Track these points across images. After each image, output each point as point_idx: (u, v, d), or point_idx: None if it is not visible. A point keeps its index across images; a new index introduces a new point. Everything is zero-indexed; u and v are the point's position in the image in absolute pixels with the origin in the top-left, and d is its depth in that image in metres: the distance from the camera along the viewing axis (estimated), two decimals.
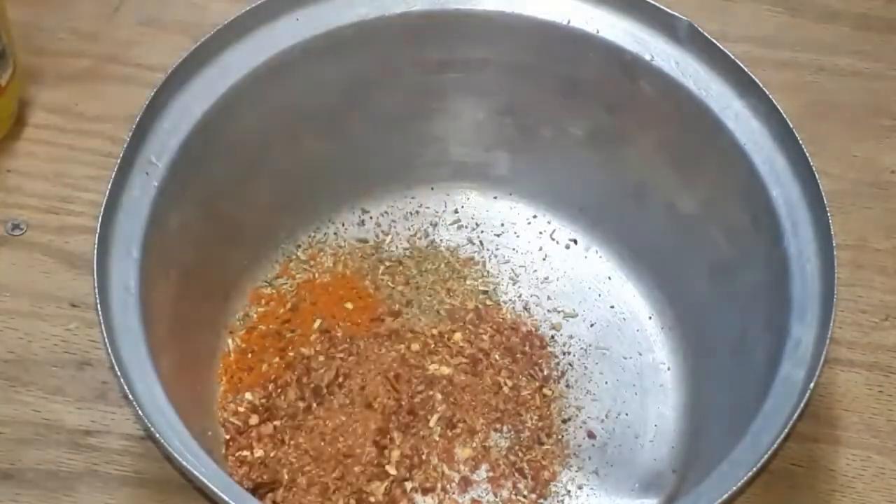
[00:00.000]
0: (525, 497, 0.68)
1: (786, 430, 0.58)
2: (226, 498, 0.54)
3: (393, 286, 0.76)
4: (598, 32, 0.71)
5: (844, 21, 0.91)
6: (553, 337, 0.75)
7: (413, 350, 0.72)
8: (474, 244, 0.79)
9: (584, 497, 0.69)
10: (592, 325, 0.75)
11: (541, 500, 0.68)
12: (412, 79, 0.74)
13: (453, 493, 0.68)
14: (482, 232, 0.79)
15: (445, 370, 0.72)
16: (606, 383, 0.73)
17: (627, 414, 0.72)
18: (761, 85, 0.67)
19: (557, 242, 0.79)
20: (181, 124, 0.66)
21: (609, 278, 0.77)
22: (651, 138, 0.73)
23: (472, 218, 0.80)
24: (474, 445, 0.70)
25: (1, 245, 0.76)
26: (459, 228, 0.79)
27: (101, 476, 0.67)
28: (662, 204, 0.74)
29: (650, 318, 0.76)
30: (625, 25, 0.71)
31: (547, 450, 0.70)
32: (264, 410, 0.70)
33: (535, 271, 0.78)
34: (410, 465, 0.68)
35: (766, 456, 0.57)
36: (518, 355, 0.73)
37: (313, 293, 0.75)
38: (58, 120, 0.81)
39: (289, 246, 0.77)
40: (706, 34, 0.69)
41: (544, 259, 0.78)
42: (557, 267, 0.78)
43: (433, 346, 0.73)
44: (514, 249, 0.78)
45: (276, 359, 0.72)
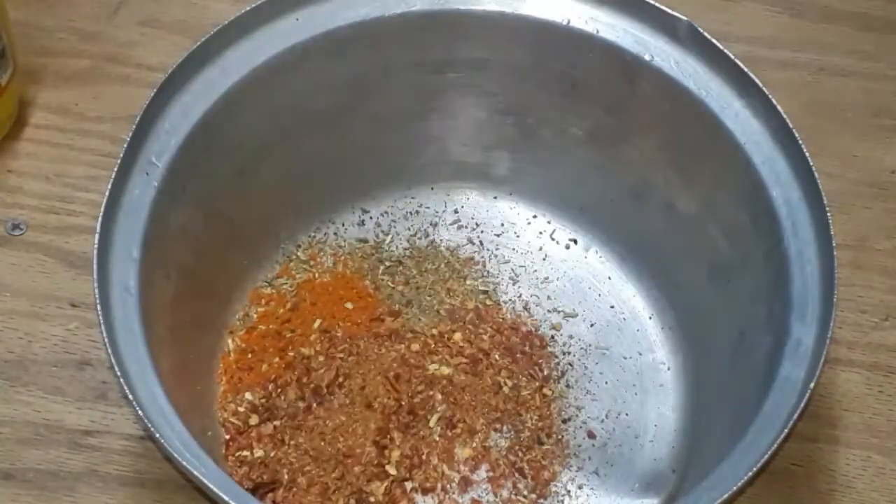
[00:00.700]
0: (525, 497, 0.68)
1: (786, 430, 0.58)
2: (226, 498, 0.54)
3: (393, 286, 0.76)
4: (598, 32, 0.71)
5: (844, 21, 0.91)
6: (553, 337, 0.75)
7: (413, 350, 0.72)
8: (474, 244, 0.79)
9: (584, 497, 0.69)
10: (592, 325, 0.76)
11: (541, 500, 0.68)
12: (412, 79, 0.74)
13: (453, 493, 0.68)
14: (482, 232, 0.79)
15: (445, 370, 0.72)
16: (606, 383, 0.73)
17: (627, 414, 0.72)
18: (761, 85, 0.67)
19: (557, 242, 0.79)
20: (181, 124, 0.66)
21: (609, 278, 0.77)
22: (651, 138, 0.73)
23: (472, 218, 0.80)
24: (474, 445, 0.70)
25: (1, 245, 0.76)
26: (459, 228, 0.79)
27: (101, 476, 0.67)
28: (662, 204, 0.74)
29: (650, 318, 0.76)
30: (625, 25, 0.71)
31: (547, 450, 0.70)
32: (264, 410, 0.70)
33: (535, 271, 0.78)
34: (410, 465, 0.68)
35: (766, 456, 0.57)
36: (518, 355, 0.73)
37: (313, 293, 0.75)
38: (58, 120, 0.81)
39: (289, 246, 0.77)
40: (706, 34, 0.69)
41: (544, 259, 0.78)
42: (557, 267, 0.78)
43: (433, 346, 0.73)
44: (514, 249, 0.78)
45: (276, 359, 0.72)
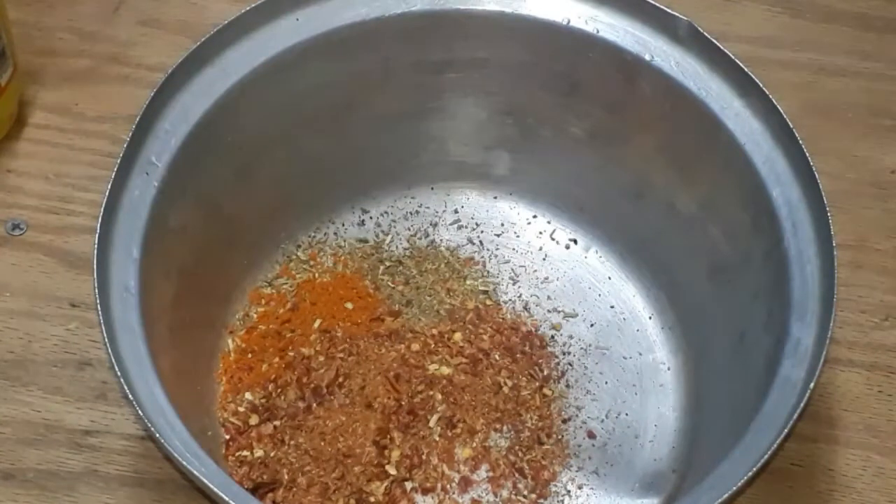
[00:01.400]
0: (525, 497, 0.68)
1: (786, 430, 0.58)
2: (226, 498, 0.54)
3: (393, 286, 0.76)
4: (598, 32, 0.71)
5: (844, 21, 0.91)
6: (553, 337, 0.75)
7: (413, 350, 0.72)
8: (474, 244, 0.79)
9: (584, 497, 0.69)
10: (592, 325, 0.75)
11: (541, 500, 0.68)
12: (412, 79, 0.74)
13: (453, 493, 0.68)
14: (482, 232, 0.79)
15: (445, 370, 0.72)
16: (606, 383, 0.73)
17: (627, 414, 0.72)
18: (761, 85, 0.67)
19: (557, 242, 0.79)
20: (181, 124, 0.66)
21: (609, 278, 0.77)
22: (651, 138, 0.73)
23: (472, 218, 0.80)
24: (474, 445, 0.70)
25: (1, 245, 0.76)
26: (459, 228, 0.79)
27: (101, 476, 0.67)
28: (662, 204, 0.74)
29: (650, 318, 0.76)
30: (625, 25, 0.71)
31: (547, 450, 0.70)
32: (264, 410, 0.70)
33: (535, 271, 0.78)
34: (410, 465, 0.68)
35: (766, 456, 0.57)
36: (518, 355, 0.73)
37: (313, 293, 0.75)
38: (58, 120, 0.81)
39: (289, 246, 0.77)
40: (706, 34, 0.69)
41: (544, 259, 0.78)
42: (557, 267, 0.78)
43: (433, 346, 0.73)
44: (514, 249, 0.78)
45: (276, 359, 0.72)
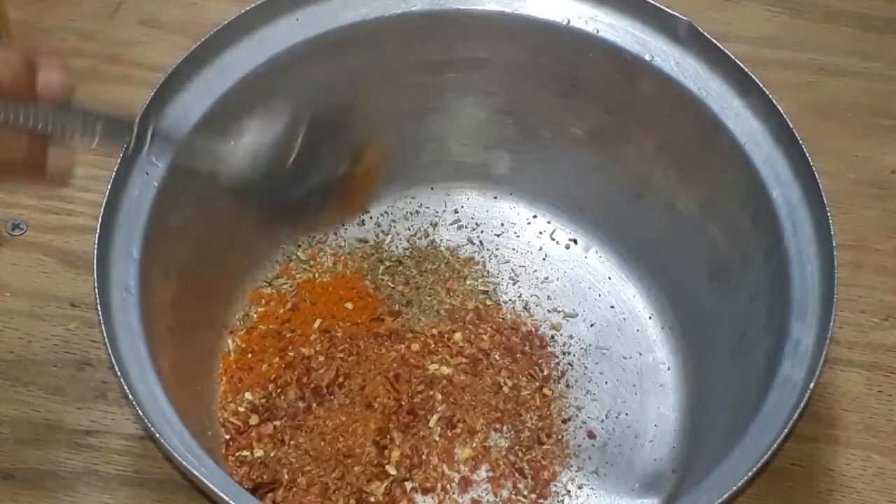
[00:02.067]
0: (525, 497, 0.68)
1: (786, 430, 0.58)
2: (226, 498, 0.54)
3: (393, 286, 0.76)
4: (598, 32, 0.71)
5: (844, 21, 0.91)
6: (553, 337, 0.75)
7: (413, 350, 0.72)
8: (474, 244, 0.79)
9: (584, 497, 0.69)
10: (592, 325, 0.75)
11: (541, 500, 0.68)
12: (412, 79, 0.74)
13: (453, 493, 0.68)
14: (482, 232, 0.79)
15: (445, 370, 0.72)
16: (606, 383, 0.73)
17: (627, 414, 0.72)
18: (761, 85, 0.67)
19: (557, 242, 0.79)
20: (181, 124, 0.66)
21: (609, 278, 0.77)
22: (651, 138, 0.73)
23: (472, 218, 0.80)
24: (474, 445, 0.70)
25: (1, 245, 0.76)
26: (459, 228, 0.79)
27: (101, 476, 0.67)
28: (662, 204, 0.74)
29: (650, 318, 0.76)
30: (625, 25, 0.71)
31: (547, 450, 0.70)
32: (264, 410, 0.70)
33: (535, 271, 0.78)
34: (410, 465, 0.68)
35: (766, 456, 0.57)
36: (518, 355, 0.73)
37: (313, 293, 0.75)
38: None
39: (289, 246, 0.77)
40: (706, 34, 0.69)
41: (544, 259, 0.78)
42: (557, 267, 0.78)
43: (433, 346, 0.73)
44: (514, 249, 0.78)
45: (276, 359, 0.72)
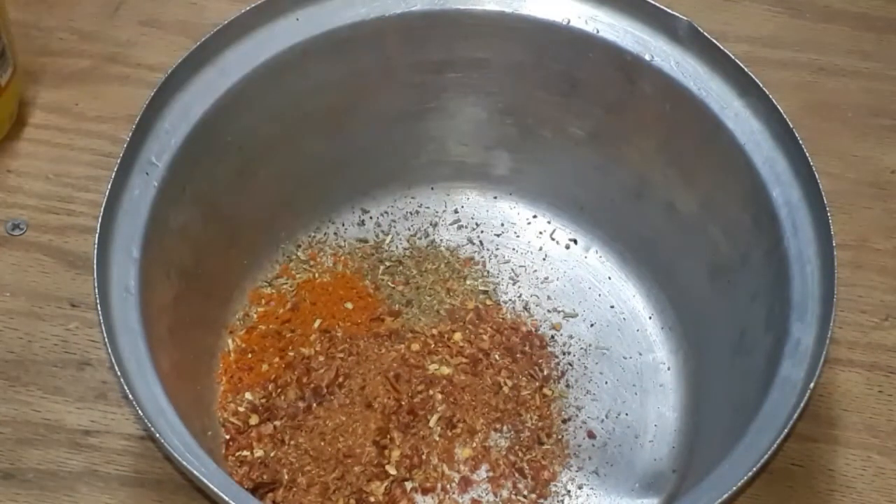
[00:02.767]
0: (525, 497, 0.68)
1: (786, 430, 0.58)
2: (226, 498, 0.54)
3: (393, 286, 0.76)
4: (598, 32, 0.71)
5: (844, 21, 0.91)
6: (553, 337, 0.75)
7: (413, 350, 0.72)
8: (474, 244, 0.79)
9: (584, 497, 0.69)
10: (592, 325, 0.75)
11: (541, 500, 0.68)
12: (412, 79, 0.74)
13: (453, 493, 0.68)
14: (482, 232, 0.79)
15: (445, 370, 0.72)
16: (606, 383, 0.73)
17: (627, 414, 0.72)
18: (761, 85, 0.67)
19: (557, 242, 0.79)
20: (181, 124, 0.66)
21: (609, 278, 0.77)
22: (651, 138, 0.73)
23: (472, 218, 0.80)
24: (474, 445, 0.70)
25: (1, 245, 0.76)
26: (459, 228, 0.79)
27: (101, 476, 0.67)
28: (662, 204, 0.74)
29: (650, 318, 0.76)
30: (625, 25, 0.71)
31: (547, 450, 0.70)
32: (264, 410, 0.70)
33: (535, 271, 0.78)
34: (410, 465, 0.68)
35: (766, 456, 0.57)
36: (518, 355, 0.73)
37: (313, 293, 0.75)
38: (58, 120, 0.81)
39: (289, 246, 0.77)
40: (706, 34, 0.69)
41: (544, 259, 0.78)
42: (557, 267, 0.78)
43: (433, 346, 0.73)
44: (514, 249, 0.78)
45: (276, 359, 0.72)
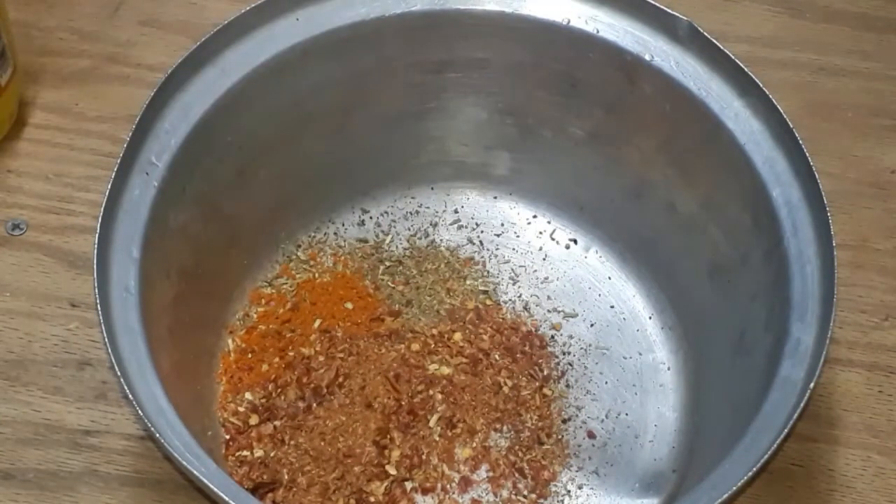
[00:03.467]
0: (525, 497, 0.68)
1: (786, 430, 0.58)
2: (226, 498, 0.54)
3: (393, 286, 0.76)
4: (598, 32, 0.71)
5: (844, 21, 0.91)
6: (553, 337, 0.75)
7: (413, 350, 0.72)
8: (474, 244, 0.79)
9: (584, 497, 0.69)
10: (592, 325, 0.75)
11: (541, 500, 0.68)
12: (412, 79, 0.74)
13: (453, 493, 0.68)
14: (482, 232, 0.79)
15: (445, 370, 0.72)
16: (606, 383, 0.73)
17: (627, 414, 0.72)
18: (761, 85, 0.67)
19: (557, 242, 0.79)
20: (181, 124, 0.66)
21: (609, 278, 0.77)
22: (651, 138, 0.73)
23: (472, 218, 0.80)
24: (474, 445, 0.70)
25: (1, 245, 0.76)
26: (459, 228, 0.79)
27: (101, 476, 0.67)
28: (662, 204, 0.74)
29: (650, 318, 0.76)
30: (625, 25, 0.71)
31: (547, 450, 0.70)
32: (264, 410, 0.70)
33: (535, 271, 0.78)
34: (410, 465, 0.68)
35: (766, 456, 0.57)
36: (518, 355, 0.73)
37: (313, 293, 0.75)
38: (58, 120, 0.81)
39: (289, 246, 0.77)
40: (706, 34, 0.69)
41: (544, 259, 0.78)
42: (557, 267, 0.78)
43: (433, 346, 0.73)
44: (514, 249, 0.78)
45: (276, 359, 0.72)
